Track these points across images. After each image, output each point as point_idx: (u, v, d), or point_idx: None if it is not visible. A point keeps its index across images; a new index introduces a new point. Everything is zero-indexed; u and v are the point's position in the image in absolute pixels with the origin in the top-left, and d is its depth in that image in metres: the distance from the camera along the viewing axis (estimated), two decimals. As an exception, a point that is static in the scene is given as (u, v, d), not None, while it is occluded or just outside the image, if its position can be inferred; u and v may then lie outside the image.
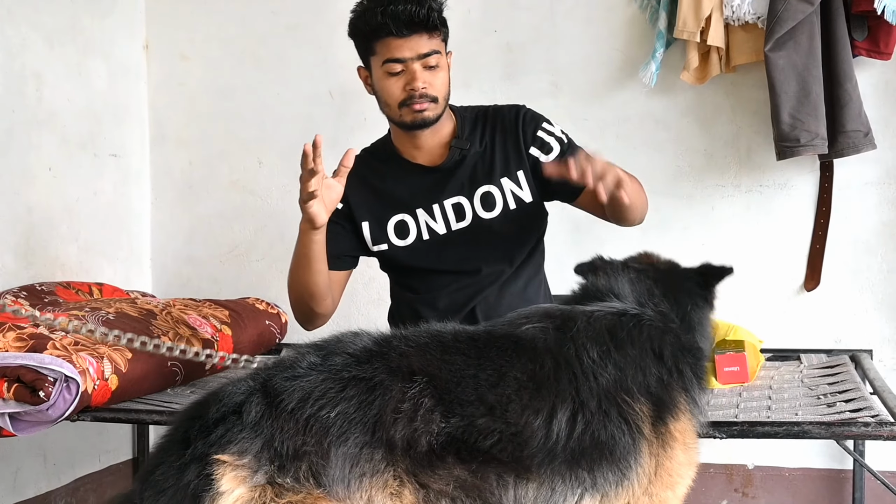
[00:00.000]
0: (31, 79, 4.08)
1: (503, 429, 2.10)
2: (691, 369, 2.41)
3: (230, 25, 4.75)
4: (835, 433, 2.78)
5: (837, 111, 3.85)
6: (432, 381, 2.08)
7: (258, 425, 1.93)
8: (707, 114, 4.25)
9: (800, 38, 3.81)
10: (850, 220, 4.13)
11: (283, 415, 1.95)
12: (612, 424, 2.21)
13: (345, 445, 1.95)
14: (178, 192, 4.84)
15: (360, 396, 2.00)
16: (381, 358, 2.09)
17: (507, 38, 4.42)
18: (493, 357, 2.20)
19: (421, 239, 3.25)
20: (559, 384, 2.20)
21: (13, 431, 2.99)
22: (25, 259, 4.02)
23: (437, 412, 2.05)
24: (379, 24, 3.02)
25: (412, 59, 3.05)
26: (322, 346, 2.13)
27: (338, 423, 1.96)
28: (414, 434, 2.01)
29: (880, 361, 4.04)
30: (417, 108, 3.08)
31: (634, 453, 2.23)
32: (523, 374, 2.19)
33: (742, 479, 4.27)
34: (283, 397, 1.96)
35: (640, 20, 4.27)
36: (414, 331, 2.25)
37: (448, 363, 2.14)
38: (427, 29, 3.05)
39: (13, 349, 2.99)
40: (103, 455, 4.49)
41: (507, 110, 3.31)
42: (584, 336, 2.31)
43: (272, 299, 4.44)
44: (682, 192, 4.28)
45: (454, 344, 2.21)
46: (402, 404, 2.02)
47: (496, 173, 3.24)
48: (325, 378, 2.01)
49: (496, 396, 2.12)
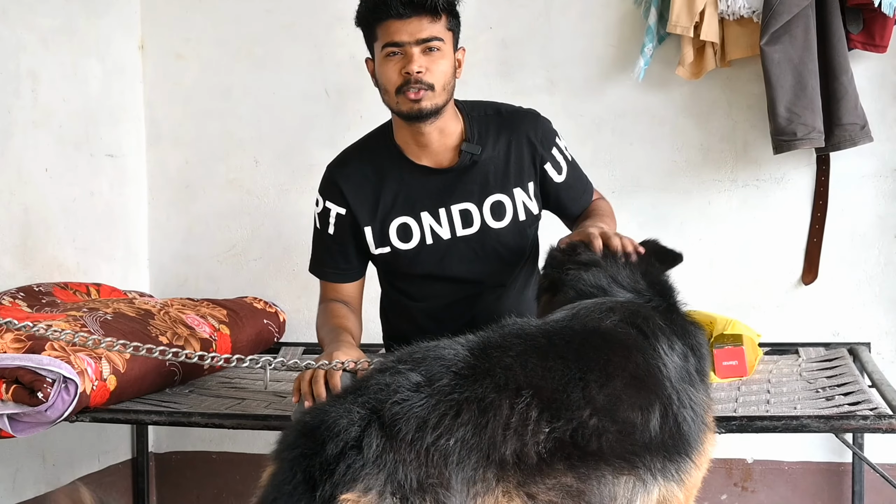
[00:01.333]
0: (26, 79, 4.07)
1: (612, 427, 2.11)
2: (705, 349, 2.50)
3: (225, 25, 4.74)
4: (833, 426, 2.79)
5: (834, 104, 3.85)
6: (538, 393, 2.06)
7: (380, 458, 1.89)
8: (703, 109, 4.25)
9: (795, 31, 3.80)
10: (848, 214, 4.13)
11: (404, 445, 1.90)
12: (689, 415, 2.28)
13: (464, 471, 1.93)
14: (174, 192, 4.83)
15: (474, 420, 1.97)
16: (488, 375, 2.05)
17: (502, 34, 4.42)
18: (592, 357, 2.21)
19: (424, 243, 3.18)
20: (651, 379, 2.26)
21: (12, 432, 3.00)
22: (23, 260, 4.02)
23: (542, 421, 2.03)
24: (380, 4, 2.97)
25: (410, 43, 2.97)
26: (419, 360, 2.08)
27: (457, 451, 1.93)
28: (524, 448, 2.00)
29: (878, 354, 4.05)
30: (413, 97, 2.98)
31: (700, 441, 2.31)
32: (626, 373, 2.22)
33: (741, 473, 4.28)
34: (400, 426, 1.92)
35: (635, 16, 4.26)
36: (504, 336, 2.23)
37: (551, 371, 2.13)
38: (428, 11, 2.96)
39: (11, 350, 3.00)
40: (102, 455, 4.49)
41: (525, 117, 3.23)
42: (654, 329, 2.37)
43: (270, 298, 4.44)
44: (678, 187, 4.28)
45: (550, 348, 2.21)
46: (511, 420, 2.00)
47: (510, 183, 3.17)
48: (438, 402, 1.97)
49: (606, 397, 2.14)
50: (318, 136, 4.57)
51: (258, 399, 3.38)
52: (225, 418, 3.17)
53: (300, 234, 4.46)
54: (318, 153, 3.30)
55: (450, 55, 3.04)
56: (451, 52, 3.04)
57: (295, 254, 4.59)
